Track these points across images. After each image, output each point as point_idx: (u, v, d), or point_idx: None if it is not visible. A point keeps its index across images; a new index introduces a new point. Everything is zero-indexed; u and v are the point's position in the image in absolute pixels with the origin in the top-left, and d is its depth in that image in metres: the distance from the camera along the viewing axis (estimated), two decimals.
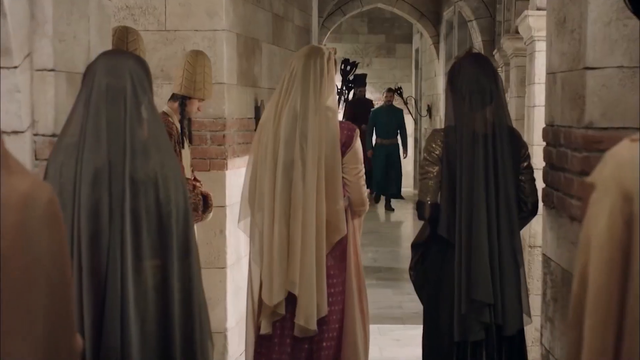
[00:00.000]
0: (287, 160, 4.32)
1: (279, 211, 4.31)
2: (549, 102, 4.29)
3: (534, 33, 6.00)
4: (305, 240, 4.27)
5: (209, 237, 6.04)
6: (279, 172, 4.31)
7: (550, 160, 4.23)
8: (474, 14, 11.65)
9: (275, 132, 4.33)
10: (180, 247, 3.17)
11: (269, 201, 4.32)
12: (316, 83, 4.32)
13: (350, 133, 4.47)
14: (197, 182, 5.27)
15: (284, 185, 4.31)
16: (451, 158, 4.27)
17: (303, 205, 4.27)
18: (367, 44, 20.95)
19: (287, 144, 4.32)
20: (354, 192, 4.49)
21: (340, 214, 4.37)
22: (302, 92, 4.31)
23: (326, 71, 4.40)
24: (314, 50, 4.48)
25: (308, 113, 4.29)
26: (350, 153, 4.44)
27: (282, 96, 4.36)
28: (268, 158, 4.34)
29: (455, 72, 4.37)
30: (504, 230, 4.21)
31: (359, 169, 4.49)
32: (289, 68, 4.42)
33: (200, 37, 5.98)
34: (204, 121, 5.95)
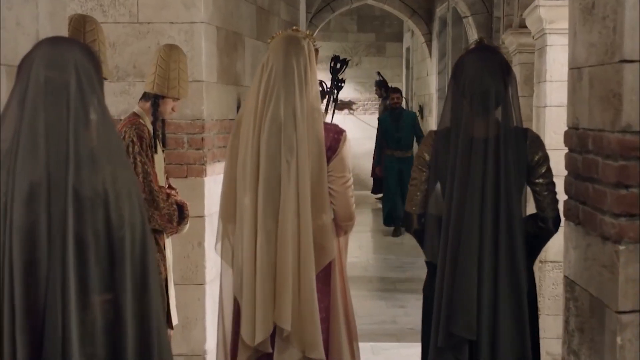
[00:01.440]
0: (271, 176, 3.73)
1: (264, 234, 3.72)
2: (572, 101, 3.73)
3: (545, 25, 5.45)
4: (303, 267, 3.69)
5: (186, 250, 5.67)
6: (261, 190, 3.72)
7: (574, 169, 3.67)
8: (470, 10, 11.20)
9: (256, 145, 3.73)
10: (136, 278, 2.60)
11: (250, 222, 3.73)
12: (301, 84, 3.74)
13: (336, 136, 3.89)
14: (172, 191, 4.85)
15: (267, 205, 3.72)
16: (440, 166, 3.72)
17: (298, 226, 3.69)
18: (357, 43, 20.54)
19: (270, 158, 3.74)
20: (341, 205, 3.91)
21: (326, 232, 3.79)
22: (285, 96, 3.72)
23: (309, 67, 3.80)
24: (292, 43, 3.85)
25: (294, 121, 3.70)
26: (336, 159, 3.86)
27: (260, 101, 3.75)
28: (248, 174, 3.75)
29: (459, 67, 3.79)
30: (504, 259, 3.62)
31: (346, 178, 3.91)
32: (266, 67, 3.81)
33: (176, 30, 5.58)
34: (180, 123, 5.57)
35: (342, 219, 3.95)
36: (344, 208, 3.92)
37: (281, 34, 3.92)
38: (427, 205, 3.77)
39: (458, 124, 3.66)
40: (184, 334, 5.63)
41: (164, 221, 4.61)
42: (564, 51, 5.37)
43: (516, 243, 3.61)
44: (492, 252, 3.60)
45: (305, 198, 3.68)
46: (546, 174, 3.74)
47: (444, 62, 14.60)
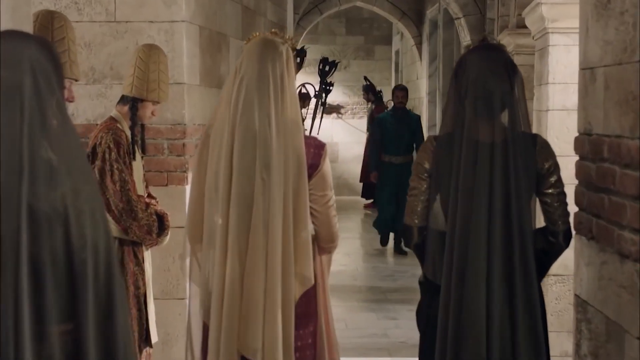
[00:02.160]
0: (245, 193, 3.39)
1: (236, 255, 3.38)
2: (583, 104, 3.45)
3: (547, 24, 5.16)
4: (271, 294, 3.35)
5: (167, 263, 5.41)
6: (234, 208, 3.38)
7: (586, 178, 3.39)
8: (463, 11, 10.93)
9: (228, 159, 3.40)
10: (100, 306, 2.28)
11: (221, 242, 3.40)
12: (277, 94, 3.37)
13: (317, 151, 3.55)
14: (151, 200, 4.62)
15: (240, 224, 3.38)
16: (442, 175, 3.41)
17: (268, 249, 3.35)
18: (345, 46, 20.15)
19: (244, 174, 3.38)
20: (323, 225, 3.58)
21: (305, 254, 3.45)
22: (259, 106, 3.36)
23: (286, 74, 3.45)
24: (268, 48, 3.47)
25: (270, 135, 3.36)
26: (317, 176, 3.52)
27: (232, 111, 3.41)
28: (221, 190, 3.41)
29: (460, 67, 3.48)
30: (518, 278, 3.30)
31: (328, 197, 3.57)
32: (238, 73, 3.46)
33: (156, 30, 5.35)
34: (160, 128, 5.35)
35: (325, 241, 3.63)
36: (327, 229, 3.59)
37: (257, 36, 3.58)
38: (429, 217, 3.44)
39: (461, 128, 3.35)
40: (165, 351, 5.39)
41: (143, 232, 4.40)
42: (567, 52, 5.13)
43: (529, 260, 3.31)
44: (503, 271, 3.29)
45: (280, 217, 3.35)
46: (557, 184, 3.43)
47: (434, 65, 14.37)
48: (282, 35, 3.61)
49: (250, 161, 3.36)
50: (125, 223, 4.31)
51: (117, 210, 4.29)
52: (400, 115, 11.33)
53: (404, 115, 11.34)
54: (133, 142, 4.48)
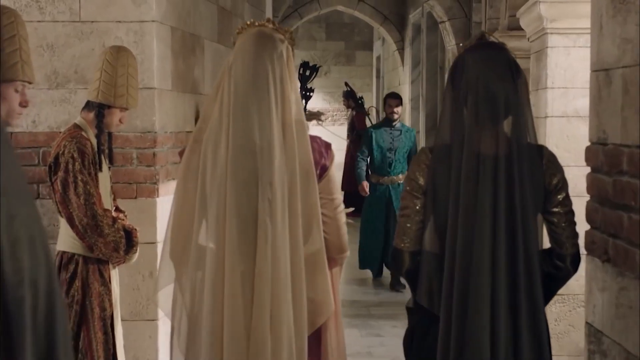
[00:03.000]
0: (244, 213, 2.98)
1: (235, 287, 2.97)
2: (597, 111, 3.11)
3: (546, 24, 4.82)
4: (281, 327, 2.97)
5: (136, 281, 5.14)
6: (233, 230, 2.97)
7: (601, 193, 3.06)
8: (447, 15, 10.67)
9: (222, 172, 2.99)
10: (39, 353, 1.88)
11: (215, 269, 3.00)
12: (277, 96, 2.95)
13: (324, 151, 3.18)
14: (119, 214, 4.42)
15: (240, 249, 2.97)
16: (439, 191, 3.03)
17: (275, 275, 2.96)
18: (325, 51, 20.23)
19: (242, 190, 2.96)
20: (334, 233, 3.20)
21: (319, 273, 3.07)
22: (258, 113, 2.95)
23: (287, 75, 3.05)
24: (266, 45, 3.03)
25: (273, 145, 2.95)
26: (326, 179, 3.16)
27: (224, 116, 3.00)
28: (214, 209, 3.00)
29: (458, 68, 3.10)
30: (524, 305, 2.94)
31: (338, 200, 3.20)
32: (231, 73, 3.04)
33: (124, 30, 5.08)
34: (129, 136, 5.11)
35: (337, 250, 3.24)
36: (338, 237, 3.22)
37: (250, 26, 3.15)
38: (423, 240, 3.07)
39: (460, 139, 2.98)
40: None
41: (109, 250, 4.18)
42: (566, 54, 4.79)
43: (536, 287, 2.94)
44: (508, 298, 2.92)
45: (286, 237, 2.95)
46: (565, 202, 3.06)
47: (417, 71, 14.14)
48: (281, 29, 3.18)
49: (250, 177, 2.95)
50: (90, 239, 4.10)
51: (81, 225, 4.08)
52: (394, 130, 9.54)
53: (397, 129, 9.55)
54: (99, 151, 4.28)
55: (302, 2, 15.03)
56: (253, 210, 2.94)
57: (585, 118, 4.87)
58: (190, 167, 3.08)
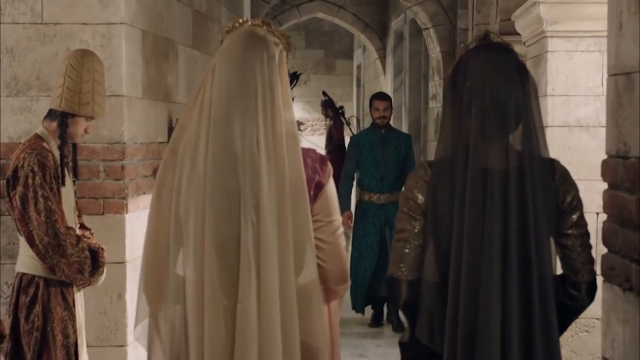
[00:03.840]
0: (224, 237, 2.63)
1: (216, 323, 2.62)
2: (615, 119, 2.82)
3: (546, 27, 4.54)
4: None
5: (103, 304, 5.04)
6: (212, 258, 2.62)
7: (622, 213, 2.75)
8: (432, 21, 10.47)
9: (201, 190, 2.63)
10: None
11: (196, 302, 2.64)
12: (266, 106, 2.59)
13: (320, 166, 2.81)
14: (84, 232, 4.28)
15: (220, 279, 2.63)
16: (440, 211, 2.72)
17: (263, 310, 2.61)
18: (305, 60, 20.09)
19: (221, 212, 2.62)
20: (333, 261, 2.82)
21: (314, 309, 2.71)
22: (242, 123, 2.59)
23: (279, 82, 2.69)
24: (256, 46, 2.65)
25: (259, 159, 2.60)
26: (322, 198, 2.78)
27: (204, 127, 2.65)
28: (191, 233, 2.65)
29: (460, 73, 2.78)
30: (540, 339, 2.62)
31: (337, 223, 2.83)
32: (215, 78, 2.67)
33: (91, 33, 4.97)
34: (95, 147, 4.99)
35: (336, 281, 2.86)
36: (338, 265, 2.83)
37: (242, 25, 2.79)
38: (423, 267, 2.73)
39: (464, 152, 2.65)
40: None
41: (73, 271, 4.03)
42: (568, 59, 4.54)
43: (551, 318, 2.64)
44: (521, 333, 2.61)
45: (275, 267, 2.60)
46: (580, 222, 2.74)
47: (400, 79, 13.98)
48: (277, 31, 2.82)
49: (231, 196, 2.60)
50: (51, 260, 3.96)
51: (42, 245, 3.94)
52: (384, 136, 8.12)
53: (388, 136, 8.13)
54: (62, 164, 4.11)
55: (282, 9, 14.93)
56: (235, 235, 2.60)
57: (588, 128, 4.65)
58: (165, 183, 2.71)
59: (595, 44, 4.49)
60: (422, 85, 12.39)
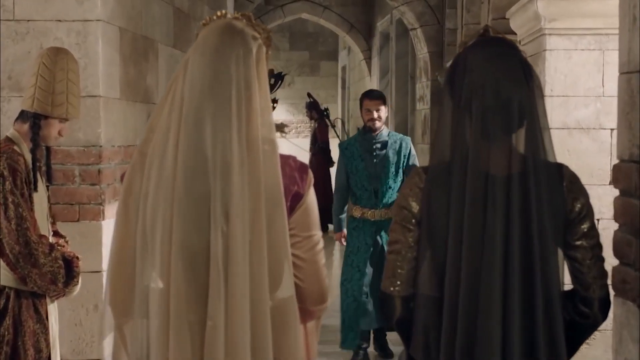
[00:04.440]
0: (193, 245, 2.46)
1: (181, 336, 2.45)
2: (628, 121, 2.66)
3: (544, 24, 4.37)
4: None
5: (78, 316, 4.98)
6: (176, 267, 2.44)
7: (635, 222, 2.57)
8: (419, 21, 10.43)
9: (169, 195, 2.45)
10: None
11: (162, 316, 2.47)
12: (240, 104, 2.40)
13: (299, 175, 2.62)
14: (58, 240, 4.16)
15: (188, 290, 2.46)
16: (437, 221, 2.54)
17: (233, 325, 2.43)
18: (289, 61, 20.13)
19: (190, 218, 2.46)
20: (311, 280, 2.64)
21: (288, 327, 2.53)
22: (213, 123, 2.41)
23: (255, 79, 2.49)
24: (232, 39, 2.49)
25: (231, 162, 2.41)
26: (301, 210, 2.60)
27: (173, 128, 2.47)
28: (158, 243, 2.47)
29: (458, 70, 2.59)
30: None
31: (316, 238, 2.65)
32: (187, 75, 2.50)
33: (65, 30, 4.89)
34: (70, 150, 4.92)
35: (314, 301, 2.69)
36: (316, 284, 2.66)
37: (220, 18, 2.61)
38: (418, 281, 2.55)
39: (462, 156, 2.46)
40: None
41: (46, 282, 3.90)
42: (567, 57, 4.38)
43: (558, 338, 2.46)
44: (524, 351, 2.44)
45: (246, 280, 2.42)
46: (591, 233, 2.55)
47: (386, 80, 13.99)
48: (258, 26, 2.63)
49: (201, 201, 2.42)
50: (22, 270, 3.84)
51: (12, 254, 3.82)
52: (376, 142, 6.81)
53: (382, 141, 6.83)
54: (35, 168, 4.02)
55: (266, 10, 14.97)
56: (204, 244, 2.44)
57: (588, 130, 4.48)
58: (133, 188, 2.54)
59: (595, 42, 4.33)
60: (409, 86, 12.38)
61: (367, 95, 6.89)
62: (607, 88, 4.37)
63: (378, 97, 6.84)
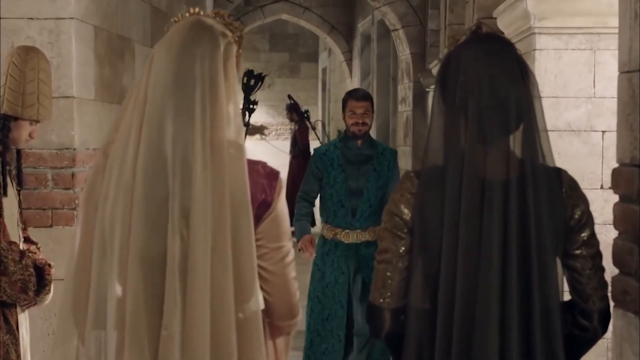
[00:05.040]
0: (151, 251, 2.34)
1: (136, 347, 2.32)
2: (629, 123, 2.55)
3: (534, 23, 4.23)
4: None
5: (51, 325, 4.79)
6: (136, 275, 2.32)
7: (637, 230, 2.44)
8: (401, 22, 10.32)
9: (128, 199, 2.33)
10: None
11: (118, 322, 2.37)
12: (205, 103, 2.27)
13: (268, 182, 2.49)
14: (30, 246, 4.06)
15: (146, 299, 2.35)
16: (430, 228, 2.41)
17: (190, 338, 2.30)
18: (269, 63, 20.01)
19: (147, 223, 2.33)
20: (279, 294, 2.53)
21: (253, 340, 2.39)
22: (174, 122, 2.28)
23: (221, 77, 2.35)
24: (199, 35, 2.36)
25: (194, 163, 2.28)
26: (269, 220, 2.48)
27: (133, 129, 2.34)
28: (116, 248, 2.35)
29: (450, 69, 2.47)
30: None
31: (285, 250, 2.53)
32: (151, 73, 2.38)
33: (37, 29, 4.74)
34: (43, 153, 4.79)
35: (282, 317, 2.57)
36: (284, 299, 2.54)
37: (190, 15, 2.49)
38: (410, 292, 2.41)
39: (458, 159, 2.33)
40: None
41: (16, 291, 3.82)
42: (557, 57, 4.26)
43: (557, 351, 2.33)
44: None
45: (207, 290, 2.28)
46: (591, 242, 2.44)
47: (367, 82, 13.94)
48: (230, 24, 2.49)
49: (160, 204, 2.30)
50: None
51: None
52: (360, 151, 5.77)
53: (366, 151, 5.79)
54: (4, 172, 3.92)
55: (245, 10, 14.84)
56: (163, 250, 2.34)
57: (579, 132, 4.34)
58: (95, 191, 2.44)
59: (586, 42, 4.19)
60: (390, 88, 12.33)
61: (352, 95, 5.91)
62: (599, 89, 4.23)
63: (365, 97, 5.87)
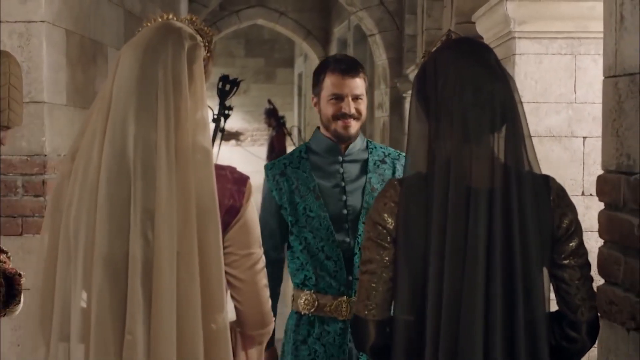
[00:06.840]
0: (114, 257, 2.23)
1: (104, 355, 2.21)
2: (614, 129, 2.42)
3: (514, 27, 4.08)
4: None
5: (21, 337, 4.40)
6: (100, 281, 2.21)
7: (624, 238, 2.34)
8: (378, 27, 10.07)
9: (92, 204, 2.22)
10: None
11: (83, 331, 2.25)
12: (169, 106, 2.18)
13: (237, 188, 2.39)
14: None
15: (112, 307, 2.23)
16: (414, 237, 2.29)
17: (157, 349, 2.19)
18: (244, 68, 19.66)
19: (111, 227, 2.22)
20: (249, 302, 2.43)
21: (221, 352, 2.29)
22: (137, 124, 2.20)
23: (186, 79, 2.26)
24: (164, 38, 2.29)
25: (159, 167, 2.18)
26: (237, 226, 2.38)
27: (98, 133, 2.25)
28: (80, 254, 2.25)
29: (427, 74, 2.35)
30: None
31: (255, 257, 2.42)
32: (116, 74, 2.29)
33: (7, 32, 4.42)
34: (12, 160, 4.52)
35: (253, 326, 2.46)
36: (255, 307, 2.43)
37: (161, 20, 2.41)
38: (395, 304, 2.31)
39: (442, 165, 2.23)
40: None
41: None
42: (538, 62, 4.13)
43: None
44: None
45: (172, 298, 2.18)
46: (578, 251, 2.33)
47: None
48: (201, 30, 2.40)
49: (124, 207, 2.20)
50: None
51: None
52: (349, 159, 3.54)
53: (359, 159, 3.56)
54: None
55: (221, 15, 14.46)
56: (127, 254, 2.22)
57: (560, 138, 4.22)
58: (62, 195, 2.34)
59: (567, 46, 4.05)
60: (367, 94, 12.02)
61: (334, 65, 3.52)
62: (580, 94, 4.10)
63: (354, 67, 3.53)
